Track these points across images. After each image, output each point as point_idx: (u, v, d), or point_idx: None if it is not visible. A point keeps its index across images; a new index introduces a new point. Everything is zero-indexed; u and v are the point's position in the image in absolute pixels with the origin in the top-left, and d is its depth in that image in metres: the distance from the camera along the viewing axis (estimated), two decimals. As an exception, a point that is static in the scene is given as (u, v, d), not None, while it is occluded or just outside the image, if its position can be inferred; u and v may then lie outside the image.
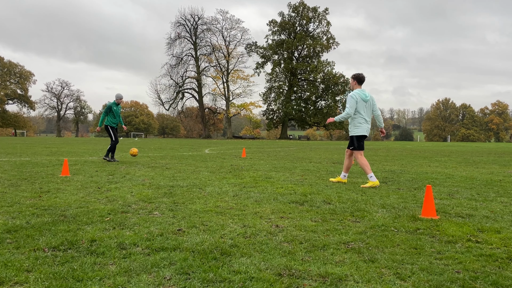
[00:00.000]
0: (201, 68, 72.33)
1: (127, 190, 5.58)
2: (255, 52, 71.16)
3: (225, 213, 4.11)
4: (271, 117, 73.21)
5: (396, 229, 3.54)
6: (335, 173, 8.14)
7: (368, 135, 6.60)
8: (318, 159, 12.87)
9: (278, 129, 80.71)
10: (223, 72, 71.65)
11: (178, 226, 3.55)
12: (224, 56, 71.18)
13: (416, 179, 7.34)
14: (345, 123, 70.71)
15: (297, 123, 75.28)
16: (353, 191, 5.78)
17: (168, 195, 5.17)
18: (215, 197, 5.08)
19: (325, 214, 4.12)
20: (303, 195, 5.27)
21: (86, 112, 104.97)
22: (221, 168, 9.02)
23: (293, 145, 30.37)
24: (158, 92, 72.27)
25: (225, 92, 71.95)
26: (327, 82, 68.61)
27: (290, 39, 69.04)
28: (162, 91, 72.59)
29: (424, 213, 4.04)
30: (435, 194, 5.51)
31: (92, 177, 7.05)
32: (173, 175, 7.43)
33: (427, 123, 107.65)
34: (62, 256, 2.71)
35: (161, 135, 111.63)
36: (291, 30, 69.65)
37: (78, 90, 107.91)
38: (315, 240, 3.16)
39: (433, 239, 3.24)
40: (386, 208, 4.45)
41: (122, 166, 9.26)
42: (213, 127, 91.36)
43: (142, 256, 2.74)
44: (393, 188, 6.12)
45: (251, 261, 2.67)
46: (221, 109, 75.40)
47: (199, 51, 72.09)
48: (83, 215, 3.89)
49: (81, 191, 5.46)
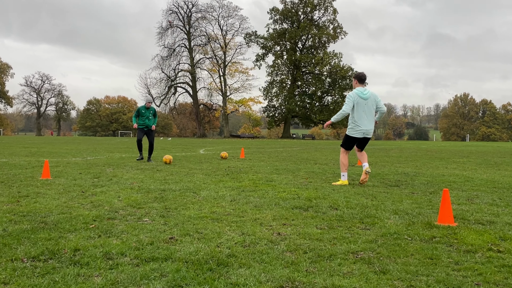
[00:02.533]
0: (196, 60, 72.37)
1: (114, 194, 5.58)
2: (254, 43, 71.17)
3: (222, 220, 4.11)
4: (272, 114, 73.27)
5: (410, 237, 3.55)
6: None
7: (362, 136, 7.03)
8: (324, 160, 12.88)
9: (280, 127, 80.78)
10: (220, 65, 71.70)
11: (170, 234, 3.55)
12: (220, 47, 71.22)
13: (431, 182, 7.34)
14: None
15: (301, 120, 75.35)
16: (363, 195, 5.79)
17: (159, 200, 5.17)
18: (211, 202, 5.08)
19: (331, 221, 4.13)
20: (308, 200, 5.27)
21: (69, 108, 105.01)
22: (218, 170, 9.02)
23: (296, 145, 30.39)
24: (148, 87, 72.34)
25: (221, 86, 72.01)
26: (334, 76, 68.67)
27: (293, 29, 69.05)
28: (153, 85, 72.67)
29: (440, 219, 4.04)
30: (453, 198, 5.51)
31: (75, 180, 7.05)
32: (164, 178, 7.44)
33: (444, 121, 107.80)
34: (43, 267, 2.70)
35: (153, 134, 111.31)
36: (294, 18, 69.64)
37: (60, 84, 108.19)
38: (321, 250, 3.16)
39: (450, 249, 3.24)
40: (399, 214, 4.46)
41: (108, 168, 9.27)
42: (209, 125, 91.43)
43: (130, 267, 2.74)
44: (407, 192, 6.12)
45: (250, 272, 2.67)
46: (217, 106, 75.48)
47: (193, 41, 72.14)
48: (65, 222, 3.89)
49: (64, 195, 5.46)
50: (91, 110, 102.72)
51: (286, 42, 70.74)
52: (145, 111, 11.51)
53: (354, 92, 6.92)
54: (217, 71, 72.47)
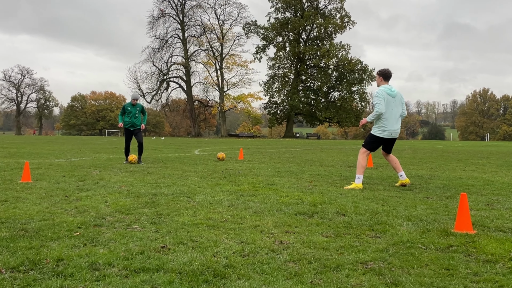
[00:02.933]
0: (190, 53, 72.46)
1: (100, 199, 5.58)
2: (254, 33, 71.25)
3: (219, 227, 4.11)
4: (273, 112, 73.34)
5: (424, 246, 3.55)
6: (350, 179, 8.15)
7: (390, 137, 7.14)
8: (330, 162, 12.89)
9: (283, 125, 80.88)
10: (216, 58, 71.76)
11: (162, 242, 3.55)
12: (217, 38, 71.28)
13: (448, 186, 7.35)
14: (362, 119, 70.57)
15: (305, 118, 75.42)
16: (373, 200, 5.79)
17: (150, 205, 5.17)
18: (207, 208, 5.08)
19: (338, 228, 4.13)
20: (313, 205, 5.27)
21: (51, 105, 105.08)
22: (214, 173, 9.03)
23: (300, 145, 30.40)
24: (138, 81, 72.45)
25: (218, 81, 72.07)
26: (342, 69, 68.74)
27: (296, 18, 69.10)
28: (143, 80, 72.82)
29: (458, 226, 4.05)
30: (471, 204, 5.51)
31: (58, 183, 7.05)
32: (156, 181, 7.44)
33: (462, 119, 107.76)
34: (23, 279, 2.70)
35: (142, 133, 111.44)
36: (297, 6, 69.68)
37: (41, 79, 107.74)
38: (327, 259, 3.16)
39: (468, 258, 3.24)
40: (412, 221, 4.46)
41: (94, 170, 9.27)
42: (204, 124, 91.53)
43: (118, 278, 2.74)
44: (421, 197, 6.13)
45: (250, 284, 2.67)
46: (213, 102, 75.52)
47: (187, 32, 72.21)
48: (47, 229, 3.89)
49: (46, 200, 5.46)
50: (76, 107, 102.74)
51: (289, 32, 70.81)
52: (131, 108, 11.51)
53: (382, 89, 7.00)
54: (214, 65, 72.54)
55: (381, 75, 7.15)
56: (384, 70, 7.19)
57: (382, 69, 7.24)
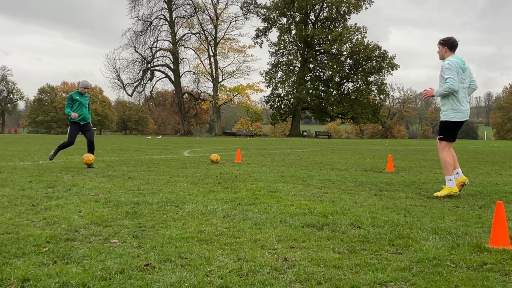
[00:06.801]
0: (178, 37, 72.50)
1: (73, 208, 5.58)
2: (254, 14, 71.42)
3: (212, 242, 4.11)
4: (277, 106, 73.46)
5: (454, 263, 3.55)
6: (367, 184, 8.15)
7: (466, 119, 7.08)
8: (343, 165, 12.89)
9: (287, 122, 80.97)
10: (209, 42, 71.83)
11: (146, 259, 3.55)
12: (210, 20, 71.36)
13: (482, 193, 7.35)
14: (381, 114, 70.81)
15: (313, 114, 75.48)
16: (393, 210, 5.79)
17: (131, 216, 5.17)
18: (198, 219, 5.08)
19: (353, 243, 4.13)
20: (323, 216, 5.27)
21: (15, 98, 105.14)
22: (207, 178, 9.03)
23: (308, 145, 30.41)
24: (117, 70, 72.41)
25: (212, 70, 72.14)
26: (356, 56, 68.76)
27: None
28: (123, 68, 72.77)
29: (493, 241, 4.04)
30: (509, 214, 5.51)
31: (24, 190, 7.05)
32: (138, 188, 7.44)
33: (498, 114, 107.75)
34: (-18, 302, 2.70)
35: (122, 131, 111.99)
36: (305, -18, 69.74)
37: (4, 68, 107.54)
38: (339, 280, 3.16)
39: (506, 278, 3.24)
40: (440, 234, 4.46)
41: (66, 174, 9.27)
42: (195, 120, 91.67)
43: (94, 302, 2.74)
44: (450, 206, 6.13)
45: (248, 309, 2.66)
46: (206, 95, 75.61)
47: (175, 12, 72.28)
48: (11, 244, 3.89)
49: (9, 210, 5.46)
50: (44, 100, 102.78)
51: (295, 12, 70.85)
52: (80, 98, 11.27)
53: (455, 60, 6.84)
54: (206, 51, 72.64)
55: (446, 45, 7.03)
56: (449, 38, 7.05)
57: (446, 37, 7.12)
